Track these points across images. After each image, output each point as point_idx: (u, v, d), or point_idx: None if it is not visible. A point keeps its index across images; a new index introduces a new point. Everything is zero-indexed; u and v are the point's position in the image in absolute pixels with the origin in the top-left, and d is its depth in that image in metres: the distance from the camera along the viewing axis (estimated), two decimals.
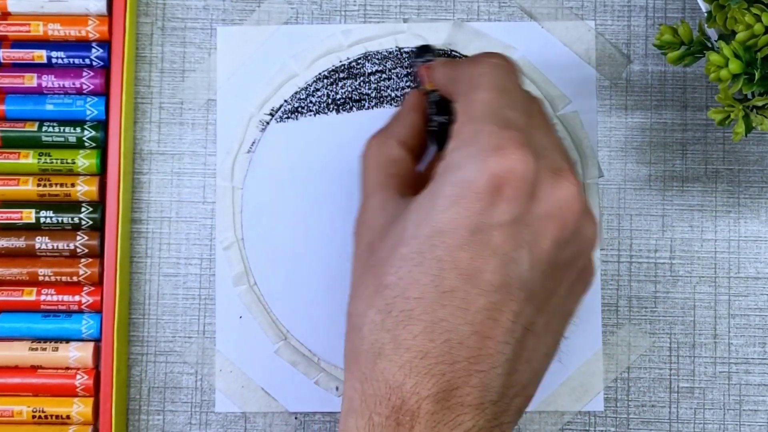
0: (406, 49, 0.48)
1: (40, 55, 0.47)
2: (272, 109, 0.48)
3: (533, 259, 0.35)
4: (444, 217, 0.35)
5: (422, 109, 0.44)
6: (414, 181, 0.41)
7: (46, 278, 0.46)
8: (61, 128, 0.47)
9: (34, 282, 0.46)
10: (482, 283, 0.34)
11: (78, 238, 0.46)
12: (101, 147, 0.47)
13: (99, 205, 0.47)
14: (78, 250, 0.46)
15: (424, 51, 0.47)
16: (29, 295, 0.46)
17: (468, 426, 0.34)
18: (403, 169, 0.41)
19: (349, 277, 0.47)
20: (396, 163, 0.41)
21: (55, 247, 0.46)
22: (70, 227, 0.47)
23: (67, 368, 0.46)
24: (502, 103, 0.37)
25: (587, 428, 0.47)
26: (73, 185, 0.46)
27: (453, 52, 0.48)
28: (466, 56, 0.48)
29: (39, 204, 0.47)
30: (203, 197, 0.48)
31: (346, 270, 0.47)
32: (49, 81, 0.47)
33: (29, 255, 0.46)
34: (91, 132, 0.47)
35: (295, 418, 0.47)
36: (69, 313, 0.46)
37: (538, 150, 0.36)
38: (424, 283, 0.34)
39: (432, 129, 0.43)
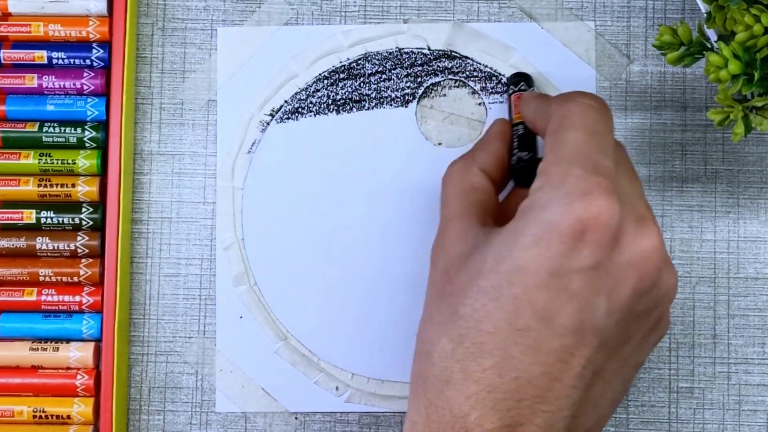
0: (405, 49, 0.48)
1: (41, 55, 0.47)
2: (272, 110, 0.48)
3: (611, 306, 0.35)
4: (525, 255, 0.34)
5: (507, 139, 0.43)
6: (495, 211, 0.41)
7: (47, 278, 0.46)
8: (62, 129, 0.47)
9: (34, 282, 0.46)
10: (557, 325, 0.34)
11: (78, 238, 0.46)
12: (102, 147, 0.47)
13: (99, 205, 0.47)
14: (78, 251, 0.46)
15: (520, 78, 0.46)
16: (30, 296, 0.46)
17: None
18: (485, 198, 0.41)
19: (349, 276, 0.47)
20: (477, 192, 0.41)
21: (56, 248, 0.46)
22: (70, 227, 0.47)
23: (68, 368, 0.46)
24: (593, 146, 0.36)
25: None
26: (73, 185, 0.47)
27: (453, 52, 0.48)
28: (466, 56, 0.48)
29: (40, 204, 0.47)
30: (203, 197, 0.48)
31: (347, 270, 0.47)
32: (49, 81, 0.47)
33: (30, 255, 0.46)
34: (91, 132, 0.47)
35: (295, 418, 0.47)
36: (69, 313, 0.46)
37: (623, 197, 0.36)
38: (499, 318, 0.34)
39: (512, 163, 0.43)
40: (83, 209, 0.47)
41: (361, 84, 0.48)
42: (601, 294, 0.35)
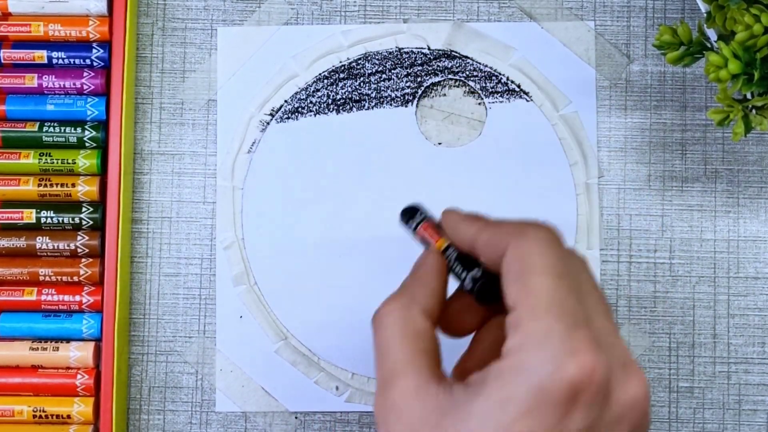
0: (405, 49, 0.48)
1: (41, 55, 0.47)
2: (272, 110, 0.48)
3: None
4: (517, 427, 0.32)
5: (445, 276, 0.38)
6: (439, 357, 0.37)
7: (47, 278, 0.46)
8: (62, 128, 0.47)
9: (34, 282, 0.46)
10: None
11: (78, 238, 0.46)
12: (102, 147, 0.47)
13: (99, 205, 0.47)
14: (78, 250, 0.46)
15: (415, 210, 0.40)
16: (30, 295, 0.46)
17: None
18: (431, 344, 0.36)
19: (349, 276, 0.47)
20: (423, 339, 0.36)
21: (56, 247, 0.46)
22: (70, 227, 0.47)
23: (68, 368, 0.46)
24: (564, 291, 0.34)
25: None
26: (73, 185, 0.47)
27: (453, 52, 0.48)
28: (466, 56, 0.48)
29: (40, 204, 0.47)
30: (204, 197, 0.48)
31: (346, 269, 0.47)
32: (49, 81, 0.47)
33: (30, 255, 0.46)
34: (91, 132, 0.47)
35: (295, 417, 0.47)
36: (69, 312, 0.46)
37: (603, 342, 0.34)
38: None
39: (467, 286, 0.38)
40: (83, 209, 0.47)
41: (361, 84, 0.48)
42: None
